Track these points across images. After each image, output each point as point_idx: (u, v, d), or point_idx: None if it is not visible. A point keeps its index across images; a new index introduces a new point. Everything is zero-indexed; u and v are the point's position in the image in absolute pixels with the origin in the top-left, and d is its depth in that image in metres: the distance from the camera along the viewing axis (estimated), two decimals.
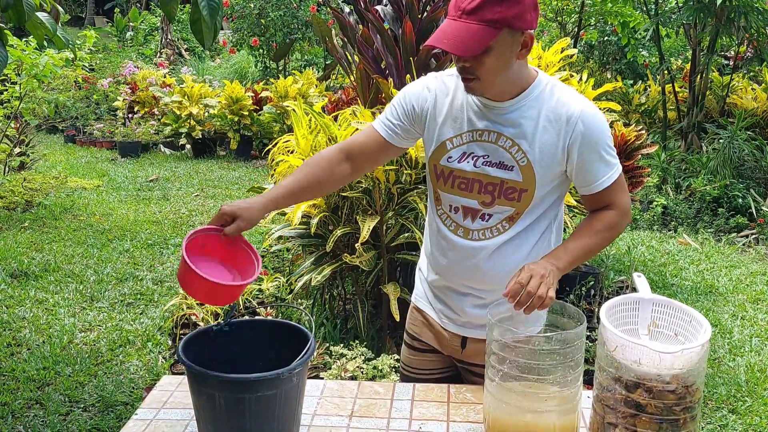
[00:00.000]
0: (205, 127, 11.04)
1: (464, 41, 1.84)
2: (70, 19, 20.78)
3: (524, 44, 1.90)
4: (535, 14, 1.90)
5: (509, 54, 1.90)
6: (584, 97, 2.03)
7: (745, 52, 10.62)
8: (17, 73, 7.52)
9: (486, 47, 1.85)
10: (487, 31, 1.83)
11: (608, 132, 2.01)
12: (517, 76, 1.97)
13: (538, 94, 2.00)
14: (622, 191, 2.06)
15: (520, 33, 1.88)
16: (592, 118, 1.97)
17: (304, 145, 3.87)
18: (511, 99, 2.00)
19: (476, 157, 2.05)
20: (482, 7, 1.82)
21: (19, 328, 4.81)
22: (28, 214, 7.54)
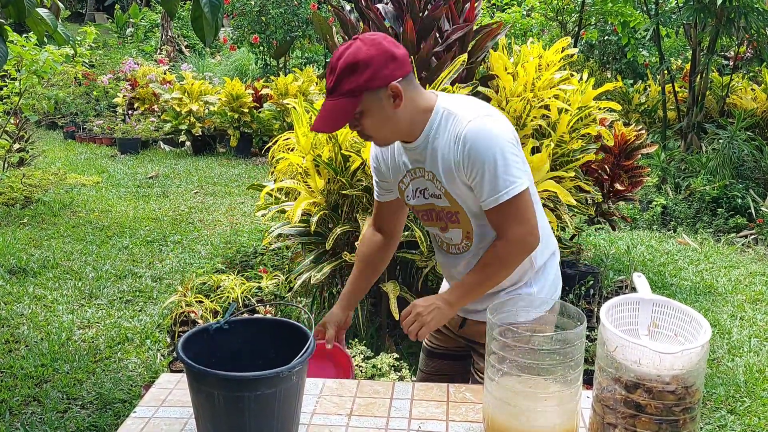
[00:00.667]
0: (205, 124, 11.04)
1: (332, 118, 2.02)
2: (70, 15, 20.75)
3: (394, 96, 2.02)
4: (393, 65, 1.99)
5: (384, 110, 2.02)
6: (478, 110, 2.07)
7: (744, 52, 10.62)
8: (17, 69, 7.51)
9: (354, 115, 2.02)
10: (349, 101, 1.99)
11: (499, 149, 2.00)
12: (409, 121, 2.08)
13: (437, 125, 2.09)
14: (513, 220, 2.05)
15: (384, 89, 2.00)
16: (476, 134, 2.01)
17: (305, 142, 3.86)
18: (418, 138, 2.12)
19: (421, 192, 2.24)
20: (338, 83, 1.98)
21: (17, 325, 4.81)
22: (27, 211, 7.53)
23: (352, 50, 1.97)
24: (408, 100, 2.04)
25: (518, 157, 2.04)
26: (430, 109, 2.10)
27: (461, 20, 4.27)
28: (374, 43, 1.98)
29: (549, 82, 4.19)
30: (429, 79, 3.90)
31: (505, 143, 2.01)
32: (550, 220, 3.90)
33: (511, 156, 2.00)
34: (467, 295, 2.17)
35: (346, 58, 1.97)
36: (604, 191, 5.26)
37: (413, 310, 2.14)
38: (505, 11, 12.96)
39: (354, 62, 1.96)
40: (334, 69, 1.98)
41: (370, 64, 1.96)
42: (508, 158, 1.99)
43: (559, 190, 3.87)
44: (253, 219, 7.39)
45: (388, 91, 2.00)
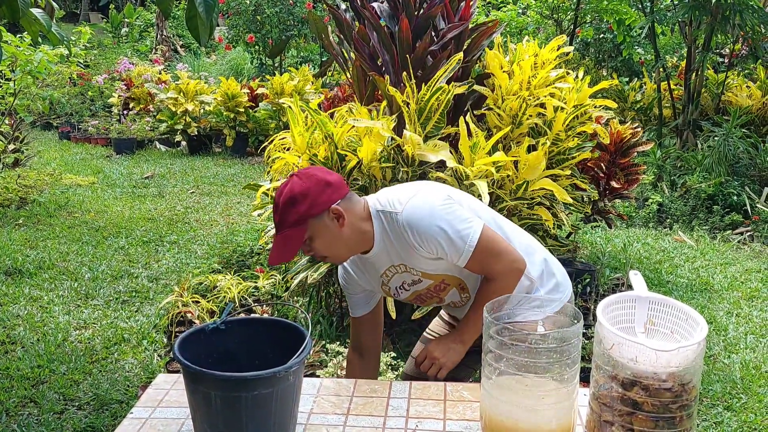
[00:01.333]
0: (200, 123, 11.02)
1: (285, 248, 2.16)
2: (64, 15, 20.72)
3: (337, 217, 2.19)
4: (329, 191, 2.18)
5: (330, 231, 2.19)
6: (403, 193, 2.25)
7: (740, 49, 10.63)
8: (11, 70, 7.50)
9: (304, 242, 2.18)
10: (296, 231, 2.16)
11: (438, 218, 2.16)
12: (356, 234, 2.24)
13: (381, 227, 2.26)
14: (490, 258, 2.20)
15: (326, 213, 2.17)
16: (411, 220, 2.18)
17: (300, 142, 3.86)
18: (373, 247, 2.28)
19: (402, 286, 2.40)
20: (283, 217, 2.15)
21: (13, 326, 4.80)
22: (23, 211, 7.52)
23: (289, 186, 2.16)
24: (351, 217, 2.22)
25: (457, 212, 2.19)
26: (369, 216, 2.26)
27: (457, 19, 4.26)
28: (308, 176, 2.18)
29: (545, 80, 4.19)
30: (425, 78, 3.90)
31: (439, 210, 2.18)
32: (546, 218, 3.90)
33: (451, 216, 2.17)
34: (475, 329, 2.30)
35: (285, 194, 2.15)
36: (600, 189, 5.27)
37: (430, 356, 2.33)
38: (501, 9, 12.96)
39: (292, 196, 2.14)
40: (277, 206, 2.16)
41: (307, 194, 2.14)
42: (450, 220, 2.16)
43: (555, 188, 3.87)
44: (249, 219, 7.38)
45: (330, 214, 2.17)
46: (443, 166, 3.69)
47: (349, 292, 2.52)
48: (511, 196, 3.80)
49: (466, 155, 3.63)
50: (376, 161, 3.71)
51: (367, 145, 3.62)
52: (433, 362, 2.32)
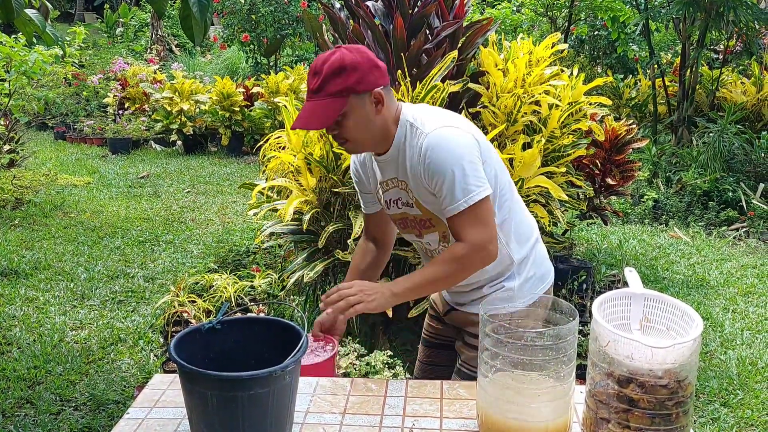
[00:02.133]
0: (196, 123, 11.02)
1: (317, 117, 2.06)
2: (59, 15, 20.68)
3: (376, 102, 2.09)
4: (378, 72, 2.08)
5: (365, 114, 2.09)
6: (439, 120, 2.13)
7: (734, 46, 10.64)
8: (6, 70, 7.48)
9: (338, 116, 2.06)
10: (335, 102, 2.04)
11: (457, 159, 2.05)
12: (383, 129, 2.15)
13: (404, 137, 2.16)
14: (474, 225, 2.08)
15: (368, 94, 2.07)
16: (434, 145, 2.07)
17: (296, 141, 3.86)
18: (388, 150, 2.19)
19: (395, 201, 2.31)
20: (324, 84, 2.04)
21: (9, 327, 4.79)
22: (18, 212, 7.51)
23: (338, 55, 2.04)
24: (386, 109, 2.12)
25: (477, 166, 2.07)
26: (398, 121, 2.17)
27: (451, 17, 4.26)
28: (359, 51, 2.07)
29: (539, 77, 4.19)
30: (419, 77, 3.90)
31: (463, 153, 2.06)
32: (542, 215, 3.90)
33: (470, 166, 2.05)
34: (415, 289, 2.16)
35: (332, 62, 2.03)
36: (596, 186, 5.27)
37: (355, 287, 2.12)
38: (495, 7, 12.97)
39: (341, 65, 2.02)
40: (319, 71, 2.04)
41: (357, 68, 2.03)
42: (466, 168, 2.04)
43: (550, 186, 3.87)
44: (245, 218, 7.38)
45: (372, 97, 2.07)
46: None
47: (359, 189, 2.46)
48: None
49: None
50: None
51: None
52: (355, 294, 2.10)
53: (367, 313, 2.10)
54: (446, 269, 2.12)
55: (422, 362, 2.67)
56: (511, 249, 2.26)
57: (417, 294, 2.19)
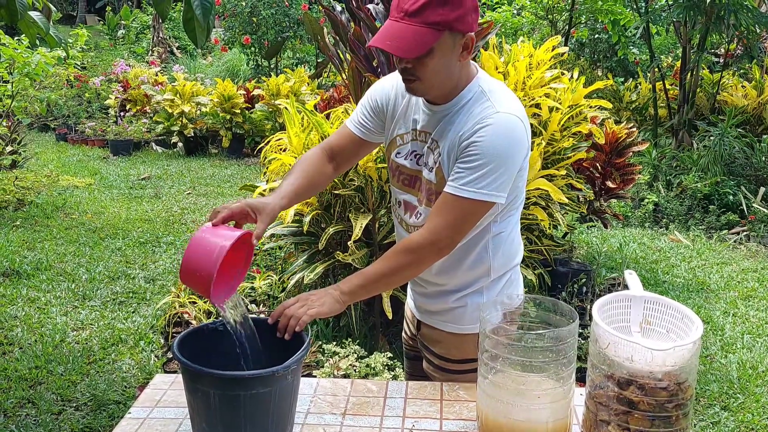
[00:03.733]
0: (197, 125, 11.03)
1: (406, 43, 1.85)
2: (61, 17, 20.71)
3: (465, 46, 1.91)
4: (476, 16, 1.91)
5: (451, 56, 1.91)
6: (515, 106, 1.98)
7: (735, 49, 10.65)
8: (9, 72, 7.51)
9: (428, 49, 1.86)
10: (430, 33, 1.84)
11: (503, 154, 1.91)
12: (456, 79, 1.98)
13: (467, 101, 2.00)
14: (448, 217, 1.94)
15: (461, 35, 1.89)
16: (499, 126, 1.91)
17: (297, 143, 3.87)
18: (445, 103, 2.02)
19: (417, 156, 2.11)
20: (424, 9, 1.83)
21: (11, 327, 4.80)
22: (20, 213, 7.52)
23: None
24: (466, 61, 1.97)
25: (509, 173, 1.94)
26: (470, 80, 2.01)
27: None
28: None
29: (540, 80, 4.20)
30: None
31: (510, 153, 1.93)
32: (542, 218, 3.91)
33: (504, 168, 1.91)
34: (367, 285, 2.00)
35: None
36: (596, 189, 5.28)
37: (300, 299, 1.95)
38: (496, 10, 12.97)
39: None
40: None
41: (462, 4, 1.85)
42: (500, 168, 1.91)
43: (550, 188, 3.88)
44: None
45: (464, 40, 1.90)
46: None
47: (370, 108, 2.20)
48: None
49: None
50: (372, 162, 3.72)
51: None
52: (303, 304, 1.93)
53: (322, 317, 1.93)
54: (398, 262, 1.99)
55: (408, 373, 2.57)
56: (493, 262, 2.13)
57: (370, 291, 2.02)
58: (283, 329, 1.89)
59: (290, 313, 1.89)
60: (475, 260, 2.13)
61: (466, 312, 2.17)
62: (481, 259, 2.12)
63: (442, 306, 2.20)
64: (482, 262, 2.13)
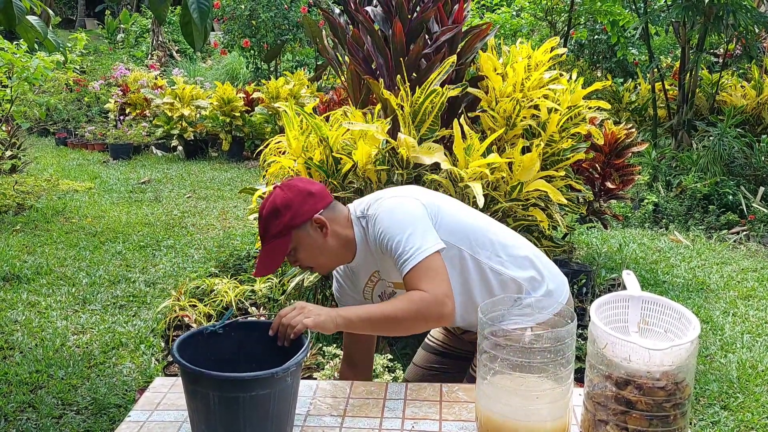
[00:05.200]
0: (196, 128, 11.04)
1: (270, 259, 2.17)
2: (60, 21, 20.73)
3: (320, 227, 2.18)
4: (312, 200, 2.18)
5: (313, 241, 2.19)
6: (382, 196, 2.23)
7: (734, 49, 10.65)
8: (8, 76, 7.52)
9: (288, 252, 2.17)
10: (279, 242, 2.15)
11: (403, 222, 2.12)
12: (341, 243, 2.23)
13: (362, 233, 2.24)
14: (427, 280, 2.07)
15: (309, 222, 2.17)
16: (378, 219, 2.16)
17: (296, 146, 3.87)
18: (355, 256, 2.27)
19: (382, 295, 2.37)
20: (265, 230, 2.16)
21: (11, 332, 4.80)
22: (20, 217, 7.52)
23: (271, 198, 2.16)
24: (335, 226, 2.21)
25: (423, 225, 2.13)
26: (351, 227, 2.24)
27: (450, 22, 4.28)
28: (290, 187, 2.18)
29: (538, 82, 4.21)
30: (419, 81, 3.91)
31: (407, 217, 2.13)
32: (541, 219, 3.91)
33: (414, 227, 2.11)
34: (367, 320, 2.07)
35: (267, 206, 2.16)
36: (596, 190, 5.28)
37: (297, 306, 2.02)
38: (495, 12, 12.98)
39: (275, 207, 2.14)
40: (261, 218, 2.17)
41: (290, 205, 2.14)
42: (411, 229, 2.10)
43: (550, 190, 3.88)
44: (245, 222, 7.39)
45: (314, 224, 2.17)
46: (438, 168, 3.70)
47: (343, 305, 2.44)
48: (505, 197, 3.81)
49: (461, 157, 3.65)
50: (371, 164, 3.72)
51: (362, 148, 3.63)
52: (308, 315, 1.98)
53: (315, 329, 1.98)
54: (401, 308, 2.05)
55: (421, 367, 2.65)
56: (514, 273, 2.27)
57: (367, 326, 2.10)
58: (282, 337, 1.95)
59: (286, 322, 1.96)
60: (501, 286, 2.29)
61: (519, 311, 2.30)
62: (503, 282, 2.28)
63: None
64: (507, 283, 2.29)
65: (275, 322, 1.97)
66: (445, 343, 2.64)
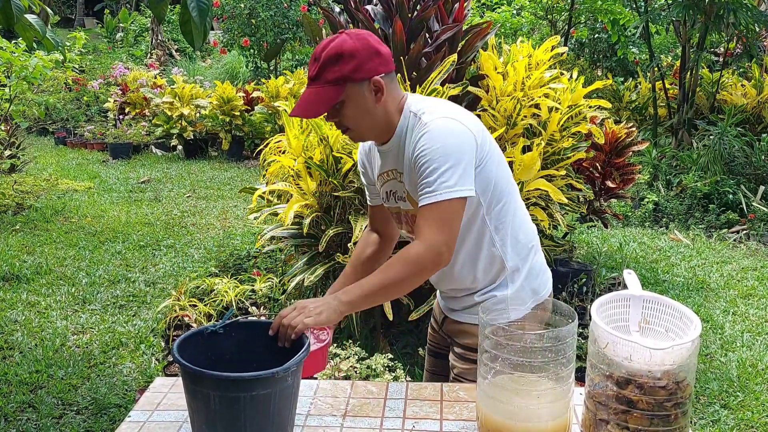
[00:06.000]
0: (196, 127, 11.03)
1: (313, 104, 2.03)
2: (59, 20, 20.73)
3: (375, 90, 2.05)
4: (377, 60, 2.03)
5: (364, 102, 2.05)
6: (441, 111, 2.06)
7: (734, 48, 10.65)
8: (7, 75, 7.51)
9: (336, 103, 2.03)
10: (331, 90, 2.01)
11: (450, 152, 1.98)
12: (385, 118, 2.10)
13: (406, 127, 2.11)
14: (436, 224, 1.98)
15: (367, 81, 2.03)
16: (434, 132, 2.00)
17: (296, 145, 3.87)
18: (390, 138, 2.15)
19: (392, 194, 2.26)
20: (322, 71, 2.01)
21: (11, 332, 4.80)
22: (20, 217, 7.52)
23: (337, 42, 2.00)
24: (388, 97, 2.08)
25: (465, 166, 1.99)
26: (401, 110, 2.12)
27: (450, 20, 4.28)
28: (360, 38, 2.02)
29: (539, 81, 4.20)
30: (419, 80, 3.91)
31: (455, 149, 1.99)
32: (542, 218, 3.91)
33: (457, 163, 1.98)
34: (368, 296, 2.02)
35: (331, 48, 2.00)
36: (596, 189, 5.28)
37: (297, 306, 1.97)
38: (495, 10, 12.99)
39: (339, 52, 1.99)
40: (318, 58, 2.01)
41: (355, 55, 1.99)
42: (453, 164, 1.97)
43: (550, 189, 3.88)
44: (245, 222, 7.39)
45: (371, 85, 2.03)
46: None
47: (364, 180, 2.40)
48: None
49: None
50: None
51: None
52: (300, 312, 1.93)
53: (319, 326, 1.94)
54: (398, 272, 2.00)
55: (427, 371, 2.62)
56: (506, 254, 2.18)
57: (370, 301, 2.05)
58: (283, 338, 1.91)
59: (287, 322, 1.91)
60: (488, 258, 2.18)
61: (492, 305, 2.19)
62: (492, 255, 2.17)
63: (469, 302, 2.27)
64: (495, 259, 2.18)
65: (275, 323, 1.93)
66: (432, 342, 2.57)
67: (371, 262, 2.43)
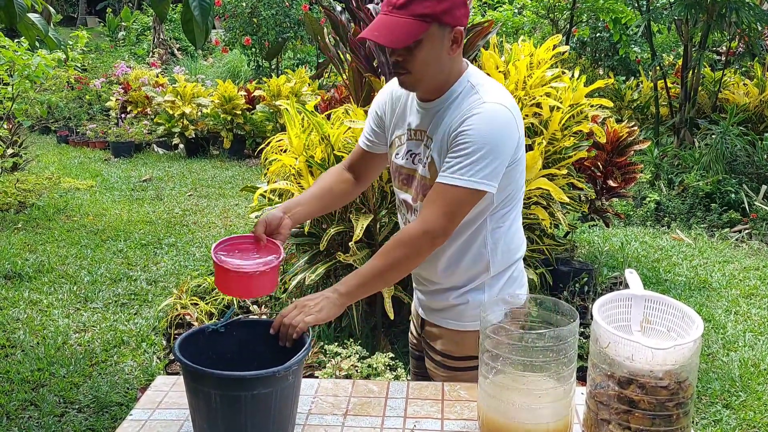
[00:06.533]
0: (198, 126, 11.03)
1: (393, 34, 1.90)
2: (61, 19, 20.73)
3: (454, 40, 1.96)
4: (465, 11, 1.95)
5: (439, 49, 1.95)
6: (504, 97, 2.00)
7: (736, 47, 10.64)
8: (9, 74, 7.50)
9: (415, 40, 1.90)
10: (417, 24, 1.89)
11: (492, 143, 1.92)
12: (446, 73, 2.01)
13: (458, 94, 2.03)
14: (440, 208, 1.95)
15: (450, 28, 1.93)
16: (486, 116, 1.94)
17: (297, 144, 3.87)
18: (436, 99, 2.05)
19: (413, 155, 2.14)
20: (411, 1, 1.88)
21: (13, 330, 4.80)
22: (22, 215, 7.53)
23: None
24: (458, 54, 2.01)
25: (499, 162, 1.94)
26: (461, 74, 2.04)
27: None
28: None
29: (540, 80, 4.20)
30: None
31: (499, 142, 1.94)
32: (543, 217, 3.90)
33: (493, 156, 1.92)
34: (365, 284, 2.00)
35: None
36: (598, 188, 5.28)
37: (298, 304, 1.94)
38: (497, 9, 12.98)
39: None
40: None
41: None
42: (489, 156, 1.92)
43: (551, 188, 3.88)
44: (247, 221, 7.39)
45: (453, 33, 1.95)
46: None
47: (373, 123, 2.29)
48: None
49: None
50: None
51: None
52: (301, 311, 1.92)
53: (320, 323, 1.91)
54: (393, 256, 1.99)
55: (414, 373, 2.58)
56: (493, 258, 2.14)
57: (368, 289, 2.03)
58: (284, 338, 1.90)
59: (287, 322, 1.90)
60: (475, 257, 2.14)
61: (467, 309, 2.18)
62: (480, 255, 2.13)
63: (444, 303, 2.22)
64: (481, 259, 2.14)
65: (276, 322, 1.92)
66: (412, 345, 2.53)
67: (336, 200, 2.38)
